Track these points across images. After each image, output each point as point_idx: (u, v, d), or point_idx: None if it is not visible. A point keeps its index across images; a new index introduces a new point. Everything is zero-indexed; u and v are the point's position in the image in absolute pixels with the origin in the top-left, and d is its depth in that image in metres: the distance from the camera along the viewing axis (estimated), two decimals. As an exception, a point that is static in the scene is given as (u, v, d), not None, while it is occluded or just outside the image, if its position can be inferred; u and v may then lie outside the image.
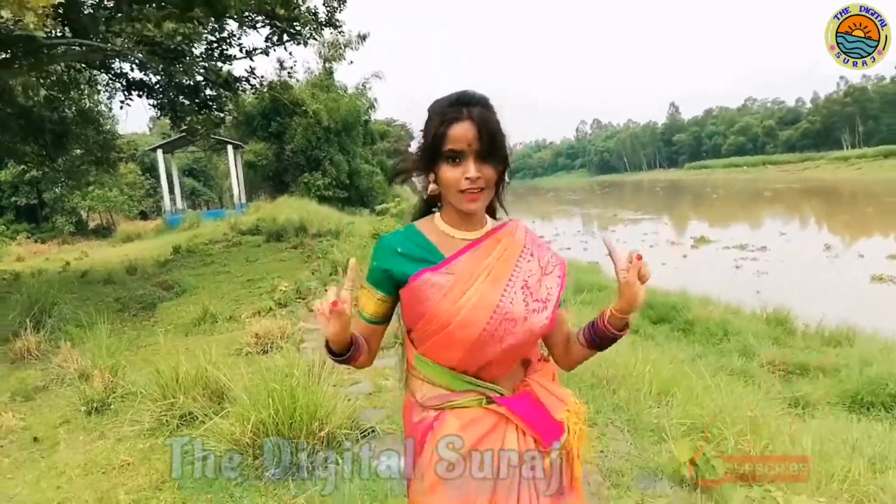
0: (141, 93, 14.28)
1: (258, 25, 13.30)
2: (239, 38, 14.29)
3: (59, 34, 10.71)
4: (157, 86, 13.98)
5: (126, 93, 14.26)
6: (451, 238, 1.46)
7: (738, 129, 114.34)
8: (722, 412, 4.33)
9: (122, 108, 18.37)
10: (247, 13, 11.95)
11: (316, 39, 15.71)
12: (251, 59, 14.50)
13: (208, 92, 14.10)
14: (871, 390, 7.43)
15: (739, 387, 5.92)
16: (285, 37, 13.51)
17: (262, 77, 14.78)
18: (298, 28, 13.17)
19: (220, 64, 13.84)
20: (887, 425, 6.10)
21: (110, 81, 15.39)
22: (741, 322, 10.98)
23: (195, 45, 10.15)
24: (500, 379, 1.45)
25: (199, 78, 13.00)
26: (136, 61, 11.51)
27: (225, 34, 13.92)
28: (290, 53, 24.28)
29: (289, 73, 17.75)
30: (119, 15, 10.76)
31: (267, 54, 14.46)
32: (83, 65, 13.74)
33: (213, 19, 11.30)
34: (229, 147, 28.32)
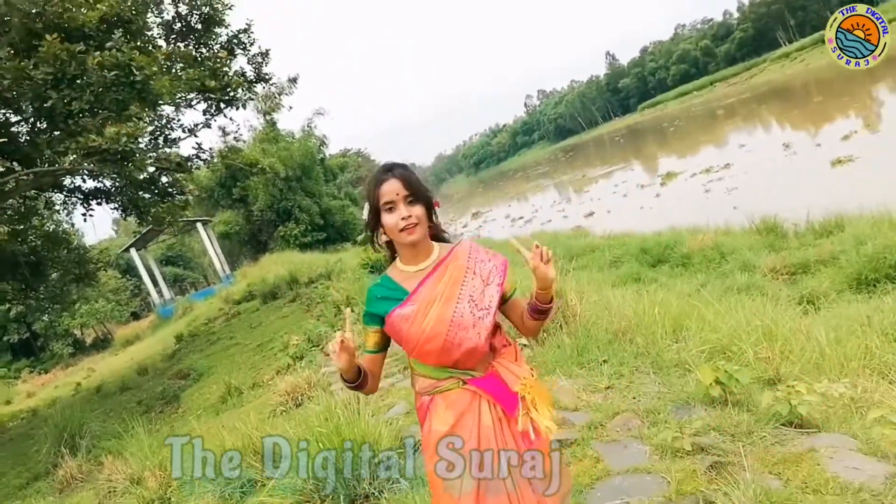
0: (100, 200, 14.37)
1: (194, 102, 13.46)
2: (178, 120, 14.48)
3: (4, 169, 10.80)
4: (114, 189, 14.07)
5: (85, 205, 14.34)
6: (410, 274, 1.90)
7: (678, 58, 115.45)
8: (736, 330, 4.53)
9: (85, 220, 18.39)
10: (179, 94, 12.09)
11: (252, 99, 15.87)
12: (195, 136, 14.65)
13: (164, 180, 14.22)
14: (872, 267, 7.63)
15: (748, 302, 6.11)
16: (222, 105, 13.69)
17: (211, 149, 14.94)
18: (232, 93, 13.34)
19: (167, 149, 13.98)
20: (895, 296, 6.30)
21: (66, 199, 15.47)
22: (734, 241, 11.18)
23: (139, 140, 10.26)
24: (474, 366, 1.89)
25: (152, 169, 13.11)
26: (88, 172, 11.61)
27: (164, 120, 14.09)
28: (231, 119, 24.40)
29: (234, 137, 17.94)
30: (57, 134, 10.87)
31: (209, 126, 14.64)
32: (36, 192, 13.81)
33: (148, 110, 11.43)
34: (198, 225, 28.39)
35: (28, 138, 11.86)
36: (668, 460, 2.79)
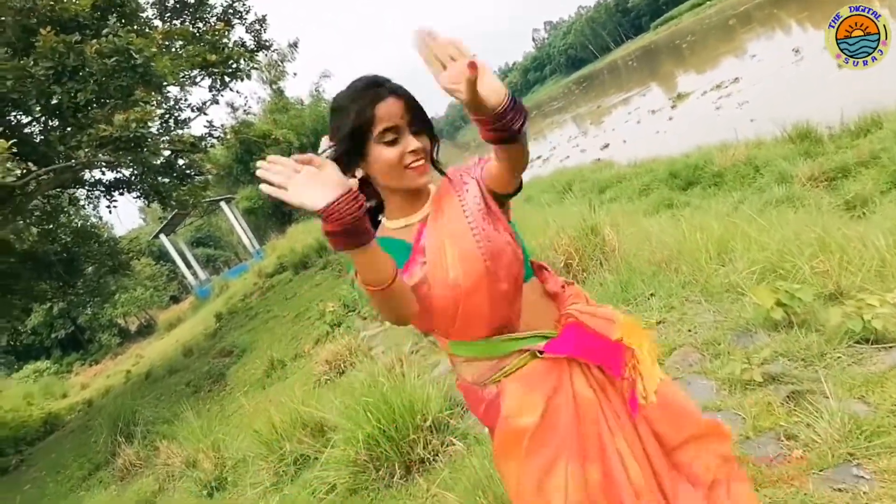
0: (121, 191, 14.42)
1: (198, 80, 13.27)
2: (186, 100, 14.34)
3: (23, 171, 10.83)
4: (133, 177, 14.08)
5: (108, 196, 14.41)
6: (409, 228, 1.38)
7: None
8: (785, 244, 4.29)
9: (110, 212, 18.55)
10: (182, 73, 11.90)
11: (255, 68, 15.64)
12: (205, 114, 14.51)
13: (181, 162, 14.16)
14: (917, 161, 7.28)
15: (791, 214, 5.84)
16: (226, 78, 13.47)
17: (223, 125, 14.81)
18: (234, 65, 13.10)
19: (179, 131, 13.88)
20: (947, 188, 5.98)
21: (89, 193, 15.56)
22: (767, 152, 10.75)
23: (150, 124, 10.16)
24: (535, 322, 1.38)
25: (167, 153, 13.05)
26: (105, 164, 11.59)
27: (171, 102, 13.97)
28: (238, 92, 24.29)
29: (244, 111, 17.75)
30: (69, 129, 10.81)
31: (217, 102, 14.52)
32: (58, 189, 13.89)
33: (154, 93, 11.29)
34: (222, 204, 28.46)
35: (42, 138, 11.84)
36: (739, 394, 2.60)
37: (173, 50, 12.01)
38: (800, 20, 32.26)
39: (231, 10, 13.93)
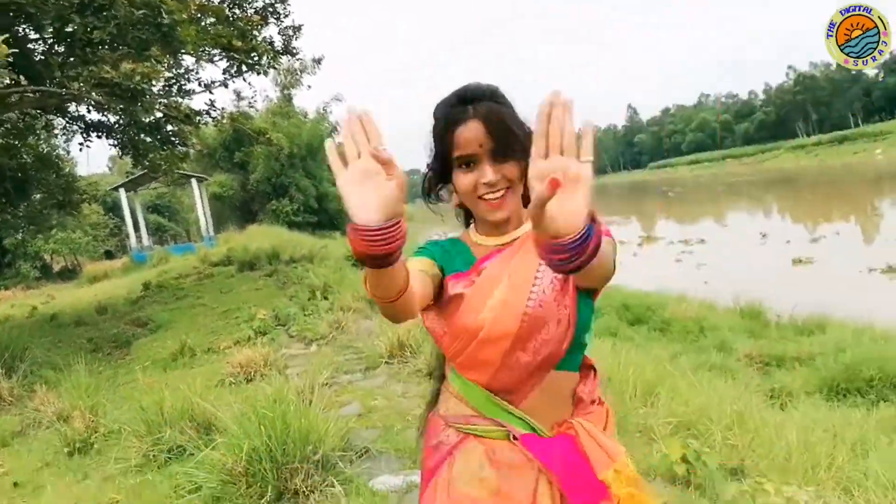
0: (100, 134, 14.11)
1: (215, 59, 13.26)
2: (196, 73, 14.28)
3: (11, 81, 10.57)
4: (117, 126, 13.82)
5: (85, 135, 14.07)
6: (482, 247, 1.32)
7: (696, 126, 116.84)
8: (707, 408, 4.41)
9: (81, 150, 18.10)
10: (203, 48, 11.90)
11: (274, 68, 15.71)
12: (210, 92, 14.40)
13: (169, 128, 13.98)
14: (846, 377, 7.51)
15: (721, 382, 6.01)
16: (243, 68, 13.48)
17: (223, 109, 14.70)
18: (256, 58, 13.15)
19: (179, 99, 13.76)
20: (864, 411, 6.22)
21: (67, 125, 15.19)
22: (716, 317, 11.13)
23: (154, 83, 10.05)
24: (539, 411, 1.26)
25: (160, 114, 12.89)
26: (94, 103, 11.37)
27: (182, 70, 13.89)
28: (249, 84, 24.23)
29: (249, 103, 17.70)
30: (73, 59, 10.65)
31: (226, 86, 14.42)
32: (38, 110, 13.54)
33: (169, 56, 11.24)
34: (193, 181, 27.97)
35: (43, 58, 11.62)
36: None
37: (203, 24, 12.03)
38: (781, 209, 34.05)
39: (271, 9, 14.05)
